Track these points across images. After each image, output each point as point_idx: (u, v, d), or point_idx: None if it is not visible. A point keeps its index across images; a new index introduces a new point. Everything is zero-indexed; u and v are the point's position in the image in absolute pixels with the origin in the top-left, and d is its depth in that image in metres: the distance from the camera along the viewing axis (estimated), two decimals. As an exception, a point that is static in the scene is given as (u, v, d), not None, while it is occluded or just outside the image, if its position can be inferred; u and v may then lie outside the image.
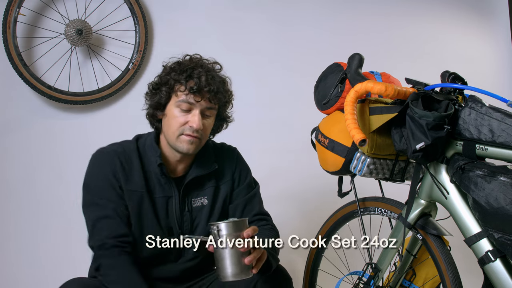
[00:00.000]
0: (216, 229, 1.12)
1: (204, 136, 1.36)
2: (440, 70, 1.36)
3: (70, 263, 2.10)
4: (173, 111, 1.33)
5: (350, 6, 2.79)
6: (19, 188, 2.18)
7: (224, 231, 1.11)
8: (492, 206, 1.12)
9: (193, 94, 1.31)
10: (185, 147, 1.33)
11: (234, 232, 1.12)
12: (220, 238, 1.11)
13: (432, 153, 1.26)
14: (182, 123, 1.32)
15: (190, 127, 1.31)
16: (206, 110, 1.34)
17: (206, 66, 1.36)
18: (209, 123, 1.37)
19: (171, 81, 1.33)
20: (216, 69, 1.40)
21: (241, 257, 1.11)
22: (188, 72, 1.32)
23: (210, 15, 2.52)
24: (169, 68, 1.37)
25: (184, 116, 1.32)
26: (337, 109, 1.56)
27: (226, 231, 1.11)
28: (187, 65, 1.35)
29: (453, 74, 1.31)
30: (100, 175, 1.33)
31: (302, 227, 2.45)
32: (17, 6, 2.10)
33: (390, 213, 1.52)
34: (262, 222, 1.44)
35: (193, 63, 1.35)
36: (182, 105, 1.32)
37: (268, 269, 1.24)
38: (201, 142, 1.36)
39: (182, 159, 1.39)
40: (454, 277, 1.31)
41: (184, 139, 1.32)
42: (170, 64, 1.39)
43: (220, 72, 1.42)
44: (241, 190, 1.46)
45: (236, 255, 1.11)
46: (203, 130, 1.34)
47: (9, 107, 2.20)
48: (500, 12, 3.22)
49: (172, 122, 1.33)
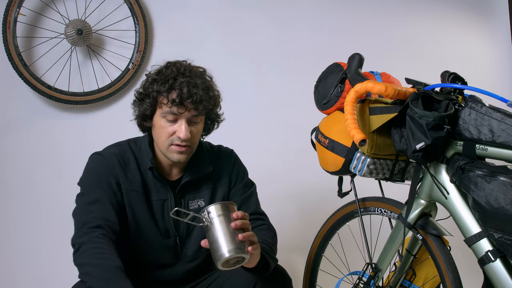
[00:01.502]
0: (206, 213, 1.13)
1: (194, 142, 1.36)
2: (440, 70, 1.36)
3: (70, 263, 2.10)
4: (160, 121, 1.33)
5: (350, 6, 2.79)
6: (19, 188, 2.18)
7: (214, 212, 1.12)
8: (492, 206, 1.12)
9: (176, 106, 1.29)
10: (175, 157, 1.33)
11: (224, 212, 1.13)
12: (211, 220, 1.12)
13: (432, 153, 1.26)
14: (170, 133, 1.31)
15: (178, 138, 1.30)
16: (192, 118, 1.33)
17: (187, 74, 1.32)
18: (197, 129, 1.36)
19: (154, 93, 1.31)
20: (199, 73, 1.36)
21: (234, 234, 1.11)
22: (170, 82, 1.30)
23: (210, 15, 2.52)
24: (151, 79, 1.34)
25: (171, 126, 1.31)
26: (337, 109, 1.56)
27: (216, 212, 1.12)
28: (168, 74, 1.32)
29: (453, 74, 1.31)
30: (96, 172, 1.33)
31: (302, 227, 2.45)
32: (17, 6, 2.10)
33: (390, 213, 1.52)
34: (258, 221, 1.44)
35: (174, 72, 1.32)
36: (167, 116, 1.31)
37: (266, 269, 1.24)
38: (191, 149, 1.35)
39: (175, 164, 1.40)
40: (454, 277, 1.31)
41: (174, 150, 1.32)
42: (152, 73, 1.36)
43: (205, 75, 1.38)
44: (237, 190, 1.46)
45: (229, 233, 1.11)
46: (192, 138, 1.33)
47: (9, 107, 2.20)
48: (500, 12, 3.22)
49: (160, 133, 1.33)
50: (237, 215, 1.13)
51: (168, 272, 1.38)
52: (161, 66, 1.37)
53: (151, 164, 1.35)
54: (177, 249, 1.38)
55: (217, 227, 1.11)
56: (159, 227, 1.35)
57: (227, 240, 1.10)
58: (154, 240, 1.35)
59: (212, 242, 1.12)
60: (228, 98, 1.56)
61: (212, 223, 1.12)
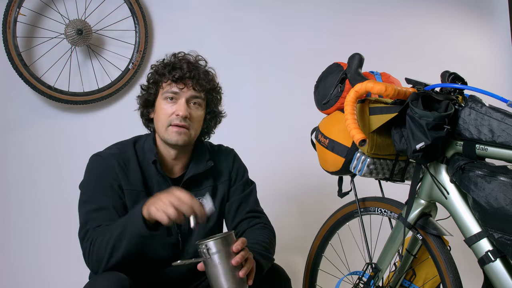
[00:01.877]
0: (205, 248, 1.10)
1: (193, 127, 1.37)
2: (440, 70, 1.36)
3: (70, 263, 2.11)
4: (161, 104, 1.37)
5: (350, 6, 2.79)
6: (19, 188, 2.19)
7: (214, 249, 1.10)
8: (492, 206, 1.12)
9: (175, 83, 1.35)
10: (173, 138, 1.34)
11: (224, 247, 1.11)
12: (210, 257, 1.10)
13: (432, 153, 1.26)
14: (169, 113, 1.35)
15: (176, 116, 1.34)
16: (191, 98, 1.37)
17: (189, 59, 1.41)
18: (197, 114, 1.38)
19: (156, 76, 1.39)
20: (200, 62, 1.44)
21: (234, 272, 1.10)
22: (171, 65, 1.38)
23: (210, 15, 2.52)
24: (155, 67, 1.42)
25: (170, 107, 1.35)
26: (337, 109, 1.56)
27: (216, 248, 1.10)
28: (170, 59, 1.41)
29: (453, 74, 1.31)
30: (97, 175, 1.33)
31: (302, 227, 2.45)
32: (17, 6, 2.10)
33: (390, 213, 1.52)
34: (255, 220, 1.45)
35: (176, 58, 1.41)
36: (167, 95, 1.36)
37: (259, 271, 1.24)
38: (190, 133, 1.36)
39: (177, 157, 1.40)
40: (454, 277, 1.31)
41: (172, 130, 1.34)
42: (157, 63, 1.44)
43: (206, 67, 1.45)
44: (237, 187, 1.47)
45: (230, 270, 1.10)
46: (191, 119, 1.36)
47: (9, 107, 2.20)
48: (500, 12, 3.22)
49: (160, 115, 1.37)
50: (237, 248, 1.12)
51: (169, 271, 1.37)
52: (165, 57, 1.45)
53: (154, 158, 1.36)
54: (178, 246, 1.38)
55: (217, 265, 1.10)
56: None
57: (228, 279, 1.10)
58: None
59: (213, 278, 1.11)
60: (228, 98, 1.56)
61: (212, 259, 1.10)
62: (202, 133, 1.47)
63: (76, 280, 1.45)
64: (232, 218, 1.46)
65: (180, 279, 1.39)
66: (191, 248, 1.38)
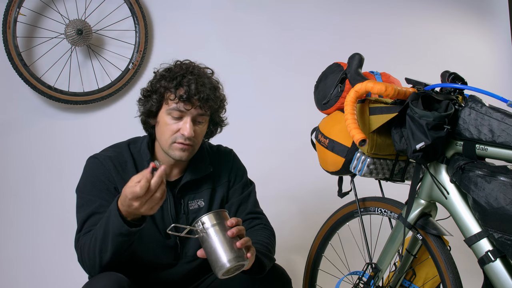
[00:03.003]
0: (200, 224, 1.12)
1: (197, 143, 1.36)
2: (440, 70, 1.36)
3: (70, 263, 2.10)
4: (164, 118, 1.33)
5: (350, 6, 2.79)
6: (19, 188, 2.19)
7: (209, 223, 1.12)
8: (492, 206, 1.12)
9: (183, 103, 1.30)
10: (177, 154, 1.32)
11: (218, 220, 1.12)
12: (206, 231, 1.11)
13: (432, 153, 1.26)
14: (174, 130, 1.31)
15: (182, 135, 1.30)
16: (197, 117, 1.33)
17: (196, 72, 1.33)
18: (201, 129, 1.36)
19: (161, 89, 1.32)
20: (208, 75, 1.38)
21: (231, 243, 1.11)
22: (178, 79, 1.31)
23: (211, 16, 2.52)
24: (160, 75, 1.35)
25: (175, 123, 1.31)
26: (337, 109, 1.56)
27: (210, 222, 1.12)
28: (177, 72, 1.33)
29: (453, 74, 1.31)
30: (93, 178, 1.32)
31: (302, 227, 2.45)
32: (17, 6, 2.10)
33: (390, 213, 1.52)
34: (255, 221, 1.44)
35: (183, 70, 1.33)
36: (173, 113, 1.31)
37: (261, 270, 1.24)
38: (194, 148, 1.35)
39: (176, 164, 1.39)
40: (454, 277, 1.31)
41: (176, 147, 1.32)
42: (160, 71, 1.38)
43: (212, 77, 1.40)
44: (236, 189, 1.46)
45: (226, 242, 1.10)
46: (195, 137, 1.33)
47: (9, 107, 2.20)
48: (500, 12, 3.22)
49: (164, 130, 1.33)
50: (232, 223, 1.13)
51: (168, 273, 1.38)
52: (170, 64, 1.38)
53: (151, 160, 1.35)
54: (177, 249, 1.38)
55: (214, 238, 1.11)
56: (159, 228, 1.35)
57: (226, 250, 1.10)
58: (154, 240, 1.34)
59: (210, 253, 1.11)
60: (228, 98, 1.56)
61: (208, 233, 1.11)
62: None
63: (76, 280, 1.45)
64: None
65: (180, 281, 1.39)
66: (190, 250, 1.38)
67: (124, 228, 1.12)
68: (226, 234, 1.11)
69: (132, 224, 1.13)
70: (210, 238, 1.11)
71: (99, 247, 1.16)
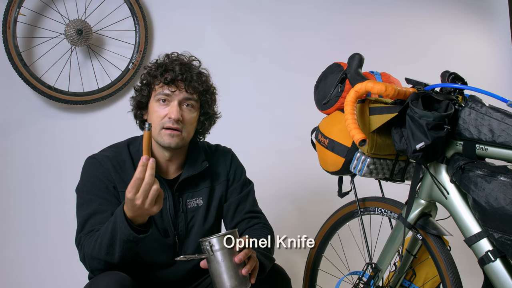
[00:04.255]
0: (208, 245, 1.11)
1: (186, 130, 1.36)
2: (440, 70, 1.36)
3: (70, 263, 2.10)
4: (153, 106, 1.36)
5: (350, 6, 2.79)
6: (19, 188, 2.19)
7: (217, 246, 1.11)
8: (492, 206, 1.12)
9: (167, 85, 1.33)
10: (166, 141, 1.33)
11: (227, 244, 1.11)
12: (213, 254, 1.10)
13: (432, 153, 1.26)
14: (162, 116, 1.33)
15: (169, 119, 1.32)
16: (184, 100, 1.35)
17: (182, 60, 1.39)
18: (190, 116, 1.36)
19: (149, 78, 1.37)
20: (193, 63, 1.42)
21: (237, 269, 1.11)
22: (163, 67, 1.36)
23: (210, 16, 2.52)
24: (148, 69, 1.40)
25: (163, 109, 1.34)
26: (337, 109, 1.56)
27: (219, 246, 1.11)
28: (163, 61, 1.38)
29: (453, 74, 1.31)
30: (92, 178, 1.33)
31: (302, 227, 2.45)
32: (17, 6, 2.10)
33: (390, 213, 1.52)
34: (254, 220, 1.44)
35: (169, 59, 1.39)
36: (159, 97, 1.34)
37: (261, 271, 1.24)
38: (182, 136, 1.35)
39: (172, 159, 1.40)
40: (454, 277, 1.31)
41: (164, 133, 1.33)
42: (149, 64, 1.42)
43: (200, 67, 1.42)
44: (235, 188, 1.47)
45: (232, 268, 1.10)
46: (183, 122, 1.34)
47: (9, 107, 2.20)
48: (500, 12, 3.22)
49: (153, 117, 1.35)
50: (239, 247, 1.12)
51: (168, 272, 1.38)
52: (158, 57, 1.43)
53: None
54: (176, 248, 1.38)
55: (220, 262, 1.10)
56: (158, 226, 1.35)
57: (231, 276, 1.10)
58: (153, 239, 1.34)
59: (215, 275, 1.11)
60: (228, 98, 1.56)
61: (215, 256, 1.11)
62: (196, 134, 1.45)
63: (76, 280, 1.45)
64: (231, 219, 1.45)
65: (180, 280, 1.39)
66: (188, 250, 1.38)
67: (132, 235, 1.12)
68: (233, 260, 1.10)
69: (139, 231, 1.14)
70: (216, 262, 1.11)
71: (105, 251, 1.16)
